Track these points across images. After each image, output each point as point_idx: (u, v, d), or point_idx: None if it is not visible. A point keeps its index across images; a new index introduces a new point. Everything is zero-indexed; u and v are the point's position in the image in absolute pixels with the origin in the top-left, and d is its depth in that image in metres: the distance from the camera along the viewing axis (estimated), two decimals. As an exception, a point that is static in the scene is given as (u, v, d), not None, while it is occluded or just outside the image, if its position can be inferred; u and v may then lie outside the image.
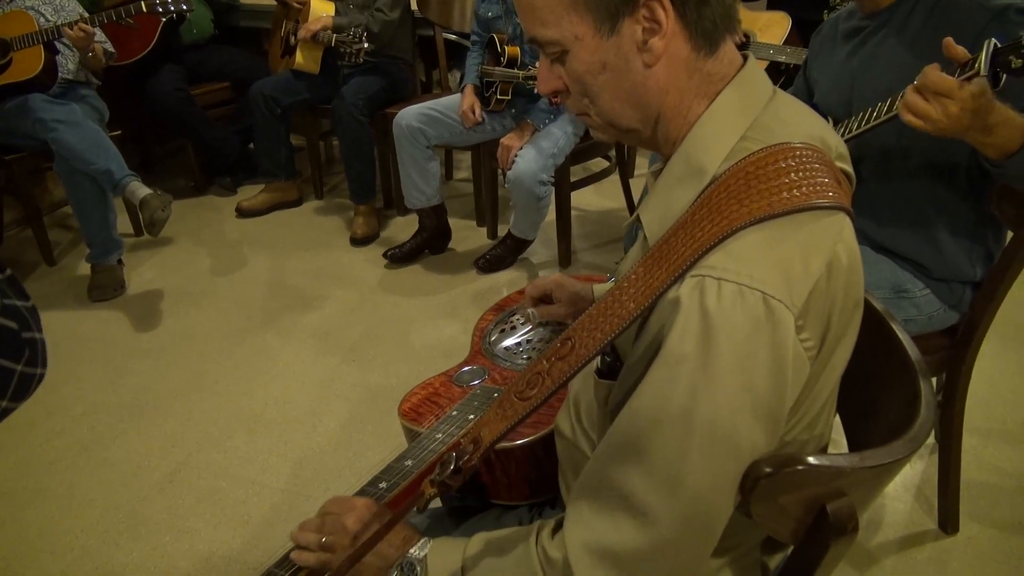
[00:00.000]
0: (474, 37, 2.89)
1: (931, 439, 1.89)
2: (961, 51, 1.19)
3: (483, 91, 2.79)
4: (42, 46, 2.72)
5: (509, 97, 2.74)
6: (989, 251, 1.50)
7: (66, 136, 2.63)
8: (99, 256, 2.85)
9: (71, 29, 2.65)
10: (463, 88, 2.85)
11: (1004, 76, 1.19)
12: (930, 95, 1.18)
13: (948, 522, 1.70)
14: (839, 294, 0.71)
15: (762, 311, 0.65)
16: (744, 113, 0.76)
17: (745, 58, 0.80)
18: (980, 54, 1.18)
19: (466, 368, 1.24)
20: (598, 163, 3.26)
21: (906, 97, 1.22)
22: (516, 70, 2.67)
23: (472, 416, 1.07)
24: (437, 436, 1.04)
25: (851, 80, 1.53)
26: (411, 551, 0.84)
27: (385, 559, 0.85)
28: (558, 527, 0.78)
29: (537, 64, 0.83)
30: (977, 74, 1.18)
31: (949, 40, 1.20)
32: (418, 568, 0.83)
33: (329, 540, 0.88)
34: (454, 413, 1.09)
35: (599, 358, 0.85)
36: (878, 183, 1.52)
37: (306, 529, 0.92)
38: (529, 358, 1.25)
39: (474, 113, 2.77)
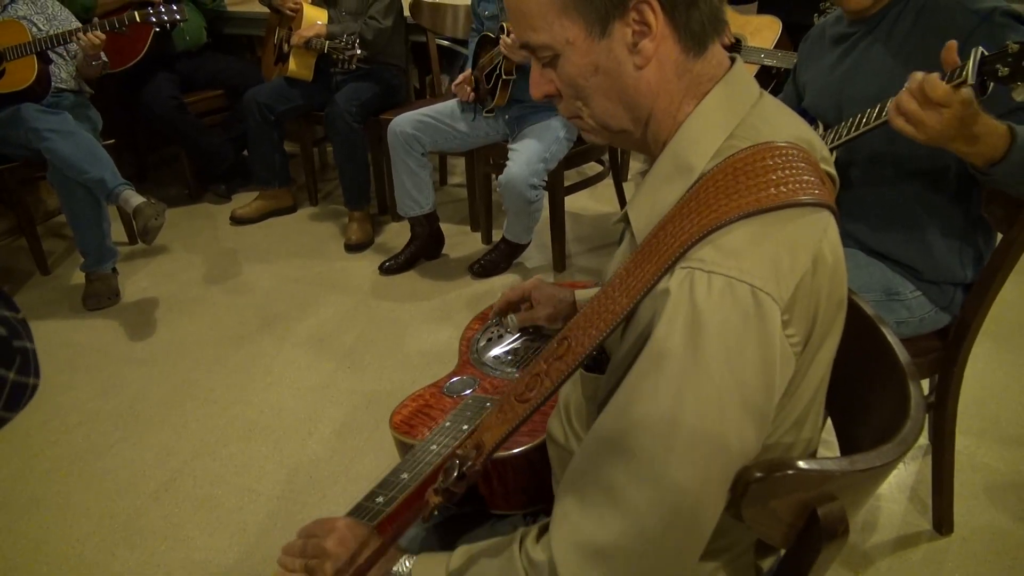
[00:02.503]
0: (472, 33, 2.89)
1: (925, 440, 1.89)
2: (955, 58, 1.19)
3: (486, 83, 2.76)
4: (35, 56, 2.72)
5: (514, 76, 2.68)
6: (980, 253, 1.51)
7: (59, 145, 2.62)
8: (93, 265, 2.85)
9: (84, 35, 2.65)
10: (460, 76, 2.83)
11: (991, 84, 1.19)
12: (924, 101, 1.18)
13: (942, 523, 1.70)
14: (824, 291, 0.72)
15: (751, 304, 0.66)
16: (731, 113, 0.77)
17: (733, 60, 0.81)
18: (968, 62, 1.19)
19: (456, 378, 1.24)
20: (592, 167, 3.26)
21: (900, 100, 1.21)
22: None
23: (465, 426, 1.07)
24: (432, 448, 1.04)
25: (840, 85, 1.53)
26: (394, 569, 0.84)
27: None
28: (542, 532, 0.78)
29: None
30: (964, 82, 1.19)
31: (952, 43, 1.19)
32: None
33: (311, 563, 0.86)
34: (447, 424, 1.09)
35: None
36: (868, 187, 1.52)
37: (289, 553, 0.90)
38: (518, 366, 1.25)
39: (467, 90, 2.76)
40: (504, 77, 2.67)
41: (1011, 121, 1.25)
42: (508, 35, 2.55)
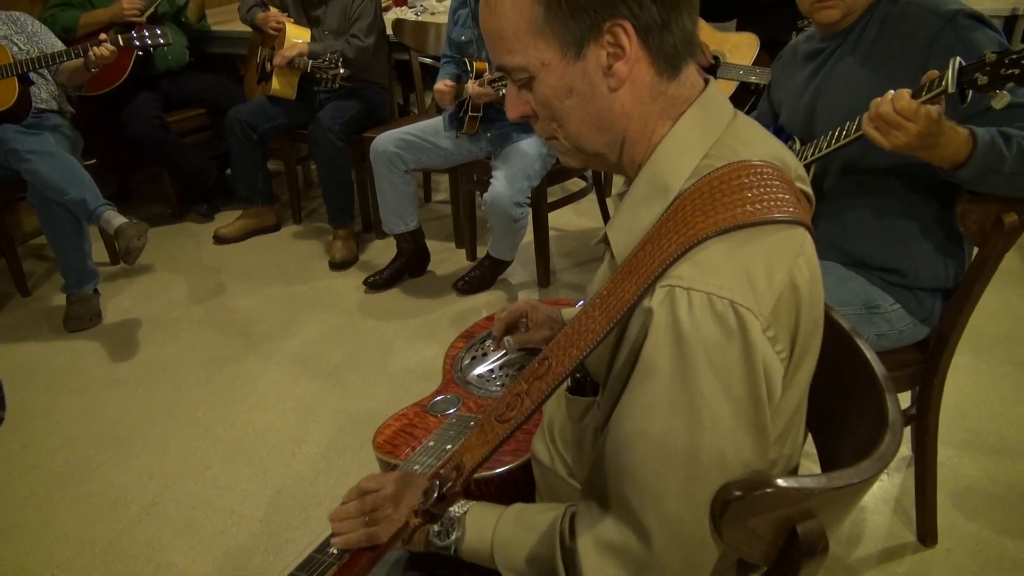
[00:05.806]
0: (445, 58, 2.90)
1: (908, 451, 1.91)
2: (933, 73, 1.25)
3: (456, 112, 2.79)
4: (16, 77, 2.71)
5: (481, 113, 2.74)
6: (961, 252, 1.52)
7: (40, 166, 2.61)
8: (74, 286, 2.82)
9: (95, 48, 2.63)
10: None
11: (971, 93, 1.22)
12: (895, 116, 1.23)
13: (927, 534, 1.71)
14: (804, 306, 0.73)
15: (732, 319, 0.67)
16: (706, 133, 0.78)
17: (707, 82, 0.82)
18: (947, 72, 1.22)
19: (440, 397, 1.24)
20: (575, 183, 3.28)
21: (880, 109, 1.25)
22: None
23: (449, 446, 1.07)
24: (415, 468, 1.04)
25: (813, 100, 1.56)
26: (452, 507, 0.88)
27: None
28: (571, 524, 0.82)
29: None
30: (945, 92, 1.22)
31: (932, 72, 1.25)
32: (456, 525, 0.87)
33: (375, 515, 0.90)
34: (431, 443, 1.09)
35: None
36: (845, 196, 1.54)
37: (344, 515, 0.94)
38: (503, 384, 1.25)
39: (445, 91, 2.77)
40: (471, 113, 2.72)
41: (979, 122, 1.30)
42: (475, 79, 2.61)
